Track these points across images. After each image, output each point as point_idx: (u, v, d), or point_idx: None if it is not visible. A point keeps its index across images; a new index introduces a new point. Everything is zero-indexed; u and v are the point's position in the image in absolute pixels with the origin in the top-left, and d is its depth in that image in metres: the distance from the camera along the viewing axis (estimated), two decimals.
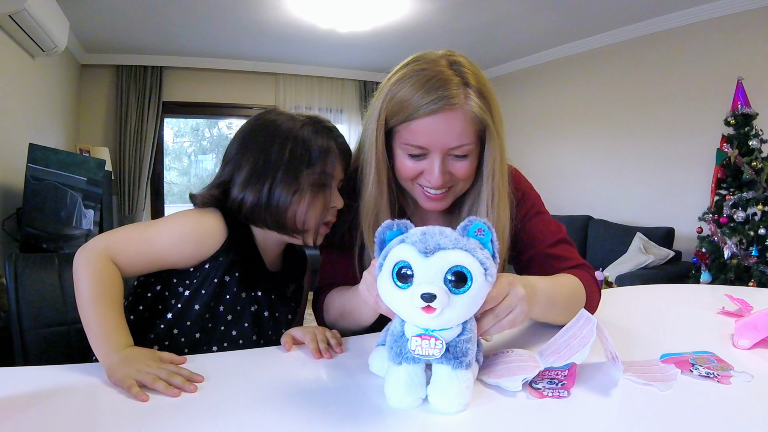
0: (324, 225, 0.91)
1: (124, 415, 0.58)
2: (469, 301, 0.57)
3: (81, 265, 0.77)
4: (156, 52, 4.88)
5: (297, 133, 0.87)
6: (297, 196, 0.86)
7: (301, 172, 0.86)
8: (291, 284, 0.99)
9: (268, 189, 0.85)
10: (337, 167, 0.90)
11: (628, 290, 1.37)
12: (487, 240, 0.61)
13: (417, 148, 0.82)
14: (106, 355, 0.70)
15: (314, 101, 5.67)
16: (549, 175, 4.86)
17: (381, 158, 0.86)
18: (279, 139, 0.86)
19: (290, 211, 0.86)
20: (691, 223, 3.38)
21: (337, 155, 0.89)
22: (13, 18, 2.71)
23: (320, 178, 0.87)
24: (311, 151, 0.86)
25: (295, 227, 0.87)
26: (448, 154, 0.82)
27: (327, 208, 0.89)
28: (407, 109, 0.80)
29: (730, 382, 0.66)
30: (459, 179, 0.86)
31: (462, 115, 0.79)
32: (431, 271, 0.56)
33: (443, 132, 0.80)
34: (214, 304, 0.86)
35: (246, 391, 0.65)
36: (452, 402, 0.58)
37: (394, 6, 3.65)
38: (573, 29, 4.20)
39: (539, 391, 0.63)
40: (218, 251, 0.84)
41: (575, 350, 0.66)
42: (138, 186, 4.98)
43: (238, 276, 0.86)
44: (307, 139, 0.87)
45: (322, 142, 0.88)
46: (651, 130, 3.99)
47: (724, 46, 3.49)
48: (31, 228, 2.81)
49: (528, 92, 5.21)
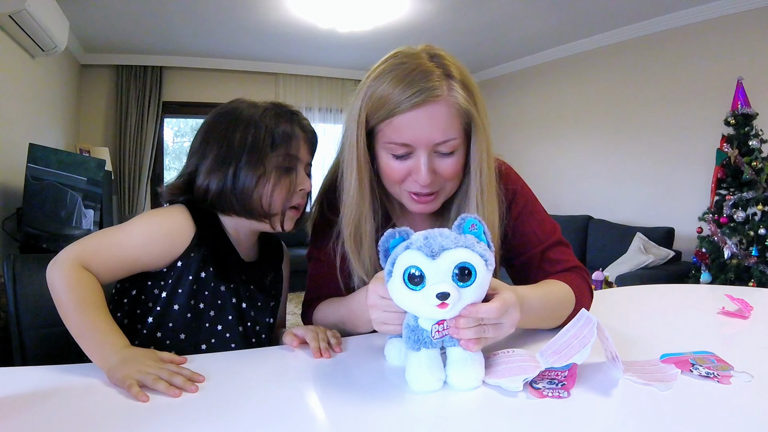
0: (293, 209, 0.91)
1: (123, 416, 0.58)
2: (476, 291, 0.63)
3: (56, 278, 0.75)
4: (156, 52, 4.88)
5: (259, 118, 0.87)
6: (262, 179, 0.85)
7: (265, 156, 0.85)
8: (269, 273, 0.99)
9: (232, 174, 0.85)
10: (302, 149, 0.89)
11: (628, 290, 1.37)
12: (480, 233, 0.65)
13: (401, 146, 0.78)
14: (104, 360, 0.69)
15: (314, 101, 5.67)
16: (549, 175, 4.86)
17: (362, 159, 0.82)
18: (242, 125, 0.86)
19: (255, 194, 0.85)
20: (691, 223, 3.38)
21: (301, 138, 0.89)
22: (13, 18, 2.71)
23: (285, 161, 0.87)
24: (274, 135, 0.86)
25: (262, 210, 0.86)
26: (434, 150, 0.79)
27: (294, 191, 0.88)
28: (388, 105, 0.76)
29: (730, 382, 0.66)
30: (446, 179, 0.82)
31: (447, 107, 0.76)
32: (440, 271, 0.62)
33: (428, 126, 0.76)
34: (194, 302, 0.85)
35: (247, 390, 0.65)
36: (470, 378, 0.65)
37: (394, 6, 3.65)
38: (573, 29, 4.20)
39: (539, 391, 0.63)
40: (189, 247, 0.84)
41: (576, 350, 0.66)
42: (138, 186, 4.98)
43: (213, 270, 0.86)
44: (270, 123, 0.86)
45: (285, 125, 0.87)
46: (651, 130, 3.99)
47: (724, 46, 3.49)
48: (31, 228, 2.80)
49: (528, 92, 5.20)
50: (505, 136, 5.45)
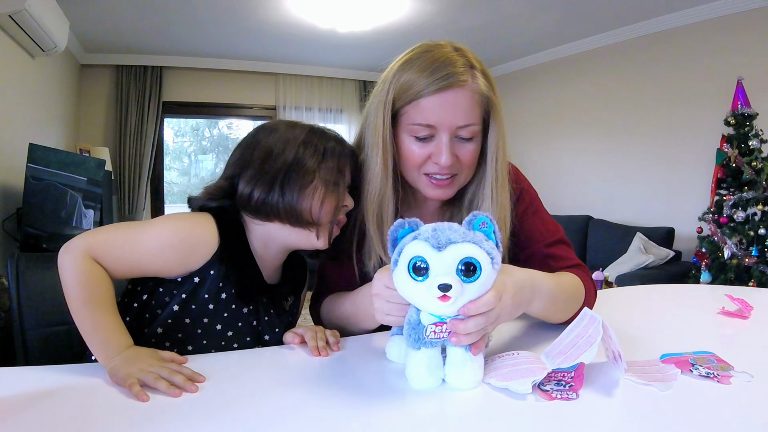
0: (335, 225, 0.88)
1: (124, 415, 0.58)
2: (480, 288, 0.63)
3: (66, 270, 0.74)
4: (156, 52, 4.87)
5: (306, 135, 0.85)
6: (311, 189, 0.83)
7: (316, 167, 0.83)
8: (290, 297, 0.96)
9: (280, 181, 0.82)
10: (347, 168, 0.88)
11: (628, 290, 1.37)
12: (490, 231, 0.65)
13: (425, 127, 0.82)
14: (107, 359, 0.70)
15: (314, 101, 5.67)
16: (549, 175, 4.86)
17: (387, 139, 0.85)
18: (290, 140, 0.84)
19: (305, 203, 0.82)
20: (691, 223, 3.39)
21: (348, 156, 0.88)
22: (13, 18, 2.71)
23: (334, 175, 0.85)
24: (325, 148, 0.85)
25: (311, 219, 0.83)
26: (455, 135, 0.83)
27: (339, 206, 0.86)
28: (415, 87, 0.81)
29: (730, 382, 0.66)
30: (463, 166, 0.86)
31: (470, 93, 0.81)
32: (445, 263, 0.61)
33: (452, 110, 0.80)
34: (207, 320, 0.82)
35: (247, 390, 0.65)
36: (468, 380, 0.65)
37: (394, 6, 3.65)
38: (573, 29, 4.20)
39: (548, 393, 0.62)
40: (208, 263, 0.80)
41: (583, 350, 0.66)
42: (138, 186, 4.98)
43: (234, 290, 0.83)
44: (319, 139, 0.86)
45: (333, 143, 0.87)
46: (651, 130, 3.99)
47: (724, 46, 3.49)
48: (31, 228, 2.80)
49: (528, 92, 5.20)
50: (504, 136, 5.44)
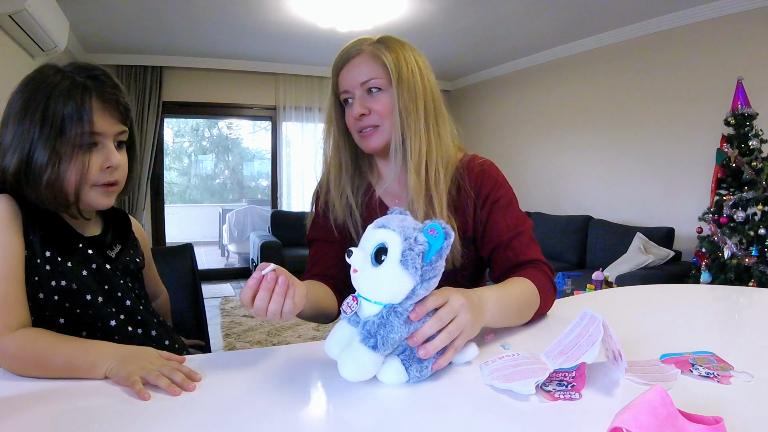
0: (106, 186, 0.84)
1: (124, 415, 0.58)
2: (382, 277, 0.64)
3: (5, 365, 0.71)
4: (156, 52, 4.88)
5: (57, 95, 0.78)
6: (54, 160, 0.77)
7: (55, 138, 0.77)
8: (115, 245, 0.93)
9: (27, 152, 0.77)
10: (98, 123, 0.80)
11: (628, 290, 1.36)
12: (437, 242, 0.64)
13: (345, 93, 1.00)
14: (101, 368, 0.68)
15: (314, 101, 5.67)
16: (549, 175, 4.86)
17: (334, 115, 1.03)
18: (41, 98, 0.78)
19: (47, 177, 0.77)
20: (691, 223, 3.38)
21: (95, 112, 0.79)
22: (13, 18, 2.71)
23: (77, 140, 0.79)
24: (64, 115, 0.77)
25: (66, 197, 0.79)
26: (366, 91, 0.98)
27: (89, 169, 0.80)
28: (336, 67, 1.01)
29: (730, 382, 0.66)
30: (380, 116, 0.98)
31: (368, 56, 0.98)
32: (368, 242, 0.67)
33: (355, 72, 0.98)
34: (65, 283, 0.80)
35: (246, 390, 0.65)
36: (345, 365, 0.65)
37: (394, 6, 3.65)
38: (573, 29, 4.20)
39: (551, 393, 0.62)
40: (26, 235, 0.78)
41: (584, 350, 0.66)
42: (138, 186, 4.98)
43: (57, 252, 0.80)
44: (60, 102, 0.78)
45: (75, 104, 0.78)
46: (651, 130, 3.99)
47: (724, 46, 3.48)
48: None
49: (528, 92, 5.20)
50: (505, 136, 5.46)
